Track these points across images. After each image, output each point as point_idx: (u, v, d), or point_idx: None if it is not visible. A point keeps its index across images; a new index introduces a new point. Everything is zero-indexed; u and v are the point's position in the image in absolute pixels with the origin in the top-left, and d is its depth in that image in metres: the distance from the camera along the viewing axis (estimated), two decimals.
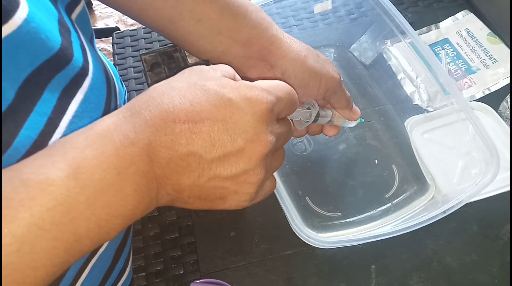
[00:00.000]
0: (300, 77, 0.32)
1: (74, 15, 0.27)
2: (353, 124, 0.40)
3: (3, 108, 0.20)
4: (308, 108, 0.34)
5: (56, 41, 0.22)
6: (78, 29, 0.27)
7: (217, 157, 0.21)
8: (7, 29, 0.19)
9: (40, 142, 0.22)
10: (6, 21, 0.19)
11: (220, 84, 0.22)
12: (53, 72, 0.23)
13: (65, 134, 0.23)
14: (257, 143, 0.22)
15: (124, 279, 0.35)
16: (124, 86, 0.44)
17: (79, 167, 0.19)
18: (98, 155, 0.19)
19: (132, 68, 0.55)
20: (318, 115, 0.35)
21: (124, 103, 0.40)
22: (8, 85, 0.20)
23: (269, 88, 0.23)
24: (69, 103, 0.24)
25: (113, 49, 0.58)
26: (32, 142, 0.21)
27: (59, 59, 0.23)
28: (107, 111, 0.28)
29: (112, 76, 0.31)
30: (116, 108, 0.31)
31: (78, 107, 0.24)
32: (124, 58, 0.56)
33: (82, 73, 0.25)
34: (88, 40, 0.28)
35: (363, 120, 0.40)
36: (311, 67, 0.32)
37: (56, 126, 0.23)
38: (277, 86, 0.24)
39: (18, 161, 0.21)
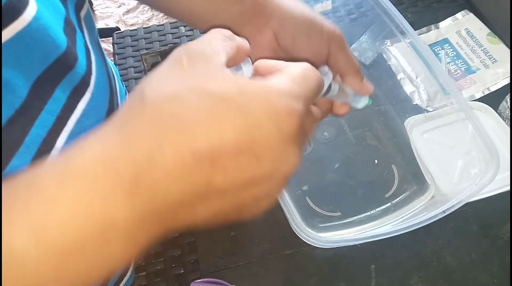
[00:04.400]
0: (299, 26, 0.29)
1: (83, 13, 0.27)
2: (360, 104, 0.35)
3: (17, 105, 0.20)
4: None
5: (62, 40, 0.23)
6: (85, 28, 0.27)
7: (241, 187, 0.18)
8: (18, 25, 0.19)
9: (49, 140, 0.22)
10: (17, 17, 0.19)
11: (241, 91, 0.17)
12: (64, 70, 0.23)
13: (72, 133, 0.24)
14: (286, 166, 0.19)
15: (127, 279, 0.35)
16: (124, 85, 0.44)
17: (45, 230, 0.15)
18: (77, 213, 0.15)
19: (132, 68, 0.56)
20: (330, 86, 0.29)
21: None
22: (22, 83, 0.20)
23: (298, 90, 0.19)
24: (78, 102, 0.24)
25: (113, 49, 0.58)
26: (41, 140, 0.22)
27: (68, 58, 0.23)
28: (111, 109, 0.28)
29: (113, 74, 0.31)
30: (118, 106, 0.31)
31: (86, 106, 0.24)
32: (125, 58, 0.56)
33: (88, 72, 0.25)
34: (93, 39, 0.28)
35: (371, 101, 0.35)
36: (309, 15, 0.29)
37: (64, 124, 0.23)
38: (306, 81, 0.20)
39: (31, 159, 0.21)
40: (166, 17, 1.59)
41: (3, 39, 0.19)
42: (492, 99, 0.50)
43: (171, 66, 0.18)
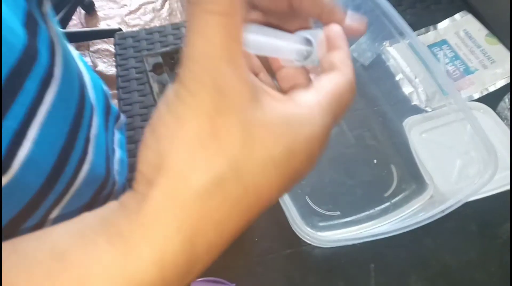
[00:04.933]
0: None
1: (45, 9, 0.28)
2: None
3: None
4: (308, 40, 0.22)
5: (22, 32, 0.23)
6: (50, 22, 0.27)
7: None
8: None
9: (21, 132, 0.23)
10: None
11: (289, 145, 0.16)
12: (31, 62, 0.23)
13: (44, 124, 0.24)
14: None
15: None
16: (100, 78, 0.44)
17: None
18: None
19: (133, 69, 0.56)
20: (310, 53, 0.23)
21: (104, 95, 0.39)
22: None
23: (331, 118, 0.18)
24: (45, 93, 0.24)
25: (115, 50, 0.58)
26: (13, 132, 0.22)
27: (31, 49, 0.23)
28: (81, 100, 0.29)
29: (79, 67, 0.31)
30: (89, 97, 0.32)
31: (54, 97, 0.25)
32: (126, 59, 0.57)
33: (52, 64, 0.25)
34: (59, 33, 0.29)
35: None
36: None
37: (34, 115, 0.23)
38: (339, 103, 0.18)
39: (4, 151, 0.22)
40: (168, 18, 1.60)
41: None
42: (490, 100, 0.50)
43: (203, 131, 0.14)
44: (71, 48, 0.32)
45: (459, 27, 0.57)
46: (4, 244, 0.15)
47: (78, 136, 0.29)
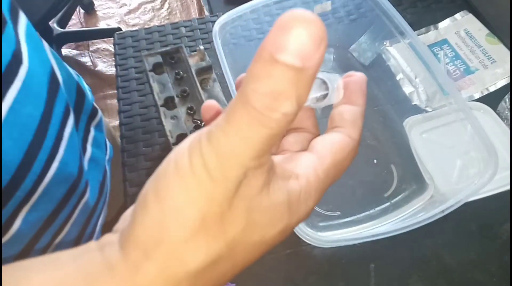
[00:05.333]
0: None
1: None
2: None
3: None
4: (324, 82, 0.22)
5: None
6: (20, 20, 0.27)
7: None
8: None
9: None
10: None
11: (287, 225, 0.17)
12: None
13: (7, 120, 0.24)
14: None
15: None
16: (80, 76, 0.43)
17: None
18: None
19: (133, 69, 0.56)
20: (327, 95, 0.23)
21: (76, 93, 0.39)
22: None
23: (329, 180, 0.18)
24: (7, 90, 0.24)
25: (114, 50, 0.58)
26: None
27: None
28: (51, 99, 0.29)
29: (53, 66, 0.31)
30: (63, 96, 0.32)
31: (17, 94, 0.25)
32: (126, 59, 0.57)
33: (15, 61, 0.25)
34: (30, 31, 0.29)
35: None
36: None
37: None
38: (339, 168, 0.19)
39: None
40: (167, 17, 1.60)
41: None
42: (491, 100, 0.50)
43: (211, 220, 0.14)
44: (45, 45, 0.32)
45: (460, 27, 0.57)
46: None
47: (47, 133, 0.29)
